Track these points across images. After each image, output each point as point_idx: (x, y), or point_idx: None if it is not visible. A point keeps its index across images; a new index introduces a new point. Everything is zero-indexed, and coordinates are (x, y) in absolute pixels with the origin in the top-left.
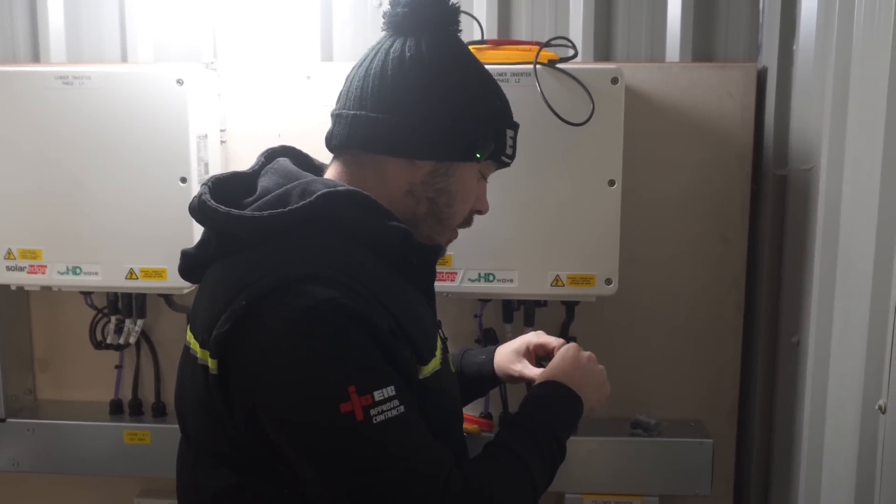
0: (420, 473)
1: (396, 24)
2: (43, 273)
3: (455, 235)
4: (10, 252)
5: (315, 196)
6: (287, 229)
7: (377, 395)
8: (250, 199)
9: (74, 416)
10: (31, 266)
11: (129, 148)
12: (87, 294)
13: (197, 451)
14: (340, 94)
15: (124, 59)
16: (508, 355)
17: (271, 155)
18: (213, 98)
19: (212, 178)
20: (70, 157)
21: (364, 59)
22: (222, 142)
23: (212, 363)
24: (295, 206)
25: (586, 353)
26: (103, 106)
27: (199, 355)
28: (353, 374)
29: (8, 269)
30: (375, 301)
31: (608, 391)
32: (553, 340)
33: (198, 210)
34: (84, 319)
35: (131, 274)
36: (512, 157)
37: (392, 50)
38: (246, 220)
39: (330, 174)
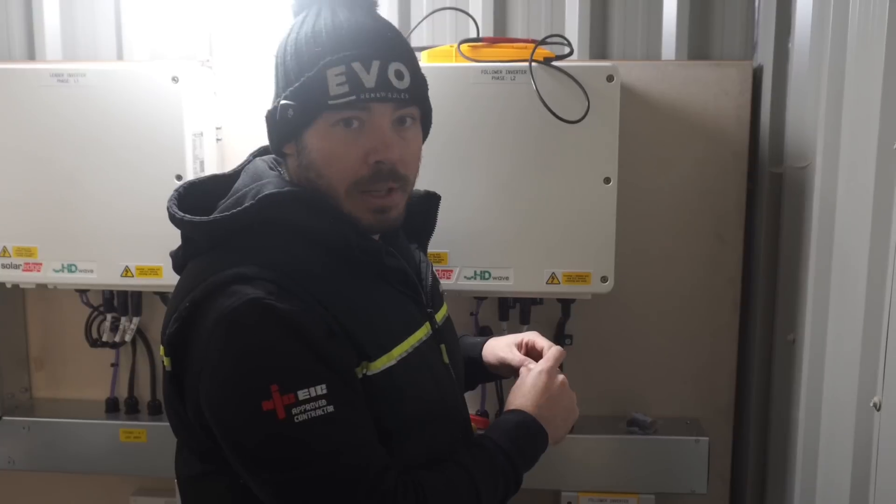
0: (344, 474)
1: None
2: (38, 271)
3: (384, 203)
4: (5, 250)
5: (257, 199)
6: (238, 232)
7: (301, 395)
8: (222, 201)
9: (70, 414)
10: (27, 264)
11: (124, 145)
12: (82, 292)
13: (177, 441)
14: None
15: (120, 57)
16: (500, 344)
17: (256, 154)
18: (209, 96)
19: (185, 183)
20: (65, 154)
21: None
22: (218, 140)
23: (166, 361)
24: (238, 209)
25: (559, 379)
26: (99, 104)
27: (161, 351)
28: (275, 372)
29: (3, 266)
30: (313, 301)
31: (576, 417)
32: (544, 342)
33: (169, 216)
34: (79, 317)
35: (127, 272)
36: (347, 94)
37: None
38: (197, 225)
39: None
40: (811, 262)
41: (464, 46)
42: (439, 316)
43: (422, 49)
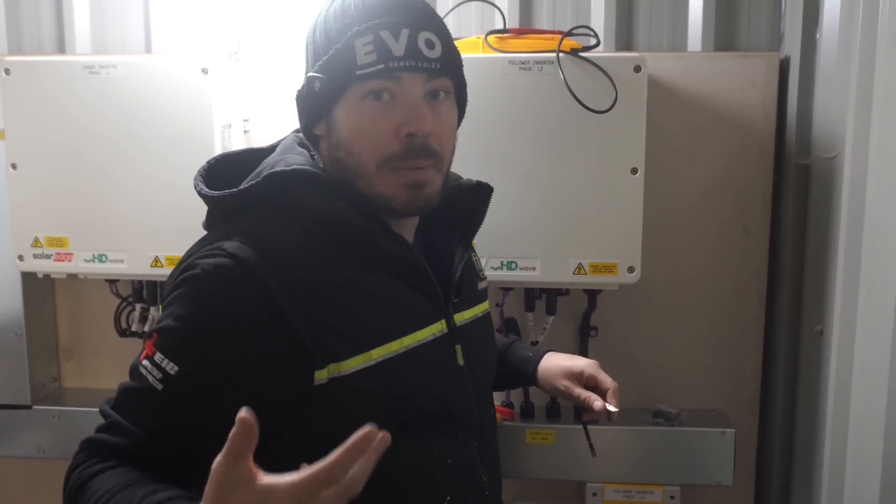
0: (105, 429)
1: None
2: (69, 261)
3: (419, 176)
4: (37, 240)
5: (262, 177)
6: (243, 207)
7: (157, 357)
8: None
9: (98, 403)
10: (58, 254)
11: (154, 137)
12: (112, 282)
13: None
14: None
15: (148, 50)
16: (558, 370)
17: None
18: (237, 87)
19: (219, 154)
20: (96, 146)
21: None
22: (245, 131)
23: None
24: (243, 186)
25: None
26: (129, 95)
27: None
28: (164, 325)
29: (35, 256)
30: (282, 287)
31: None
32: (608, 381)
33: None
34: (107, 308)
35: (156, 262)
36: (375, 62)
37: None
38: (207, 199)
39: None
40: (840, 253)
41: (491, 37)
42: (467, 315)
43: None
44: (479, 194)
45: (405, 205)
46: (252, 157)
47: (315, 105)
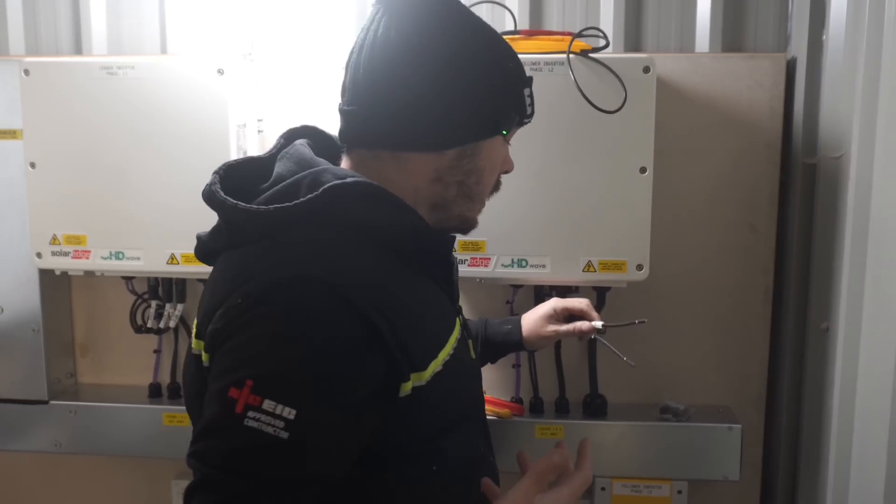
0: (236, 497)
1: None
2: (87, 258)
3: (483, 205)
4: (55, 237)
5: (321, 190)
6: (292, 223)
7: (266, 405)
8: (265, 185)
9: (114, 399)
10: (76, 251)
11: (170, 136)
12: (128, 279)
13: None
14: (344, 85)
15: (164, 50)
16: (537, 321)
17: (290, 136)
18: (251, 88)
19: (224, 165)
20: (113, 145)
21: (361, 44)
22: (259, 131)
23: (205, 356)
24: (301, 200)
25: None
26: (146, 95)
27: (194, 344)
28: (263, 370)
29: (53, 254)
30: (370, 305)
31: None
32: (577, 302)
33: (208, 199)
34: (123, 305)
35: (172, 259)
36: (531, 115)
37: (385, 30)
38: (252, 214)
39: (345, 163)
40: (846, 251)
41: None
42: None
43: None
44: None
45: (447, 241)
46: (255, 167)
47: (476, 132)
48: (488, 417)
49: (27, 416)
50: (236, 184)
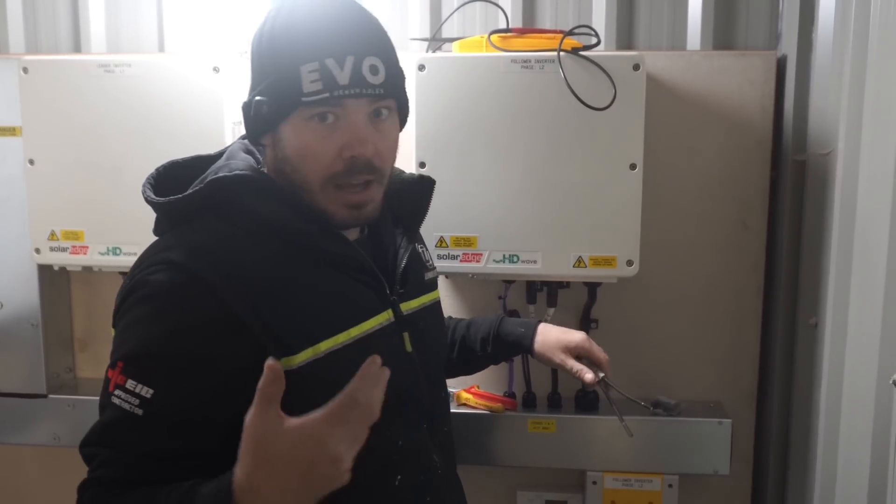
0: (101, 465)
1: None
2: (85, 254)
3: (360, 199)
4: (53, 233)
5: (205, 183)
6: (189, 214)
7: (129, 384)
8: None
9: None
10: (74, 247)
11: (167, 133)
12: (125, 274)
13: None
14: None
15: (161, 49)
16: (555, 344)
17: (243, 137)
18: (246, 86)
19: (167, 162)
20: (111, 141)
21: None
22: None
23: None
24: (189, 191)
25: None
26: (143, 93)
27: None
28: (130, 351)
29: (51, 249)
30: (232, 290)
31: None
32: (599, 354)
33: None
34: None
35: None
36: (321, 91)
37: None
38: (156, 206)
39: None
40: (833, 248)
41: (494, 37)
42: (414, 304)
43: (452, 40)
44: (422, 187)
45: (345, 222)
46: (201, 163)
47: (260, 122)
48: (481, 412)
49: (26, 409)
50: (178, 180)
